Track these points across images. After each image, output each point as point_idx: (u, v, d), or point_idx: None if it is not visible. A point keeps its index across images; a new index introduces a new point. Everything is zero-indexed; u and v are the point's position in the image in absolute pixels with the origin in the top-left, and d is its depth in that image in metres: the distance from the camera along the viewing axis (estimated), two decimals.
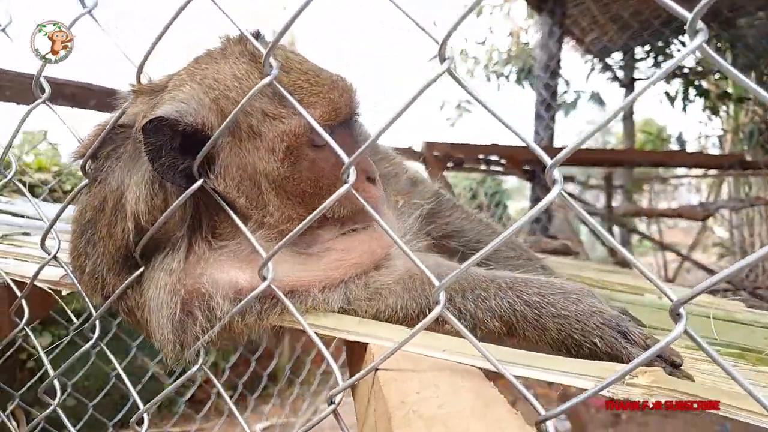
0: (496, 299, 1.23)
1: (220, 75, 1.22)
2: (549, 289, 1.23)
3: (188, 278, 1.22)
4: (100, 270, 1.31)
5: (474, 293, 1.25)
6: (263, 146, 1.20)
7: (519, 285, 1.25)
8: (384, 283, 1.32)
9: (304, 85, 1.21)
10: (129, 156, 1.25)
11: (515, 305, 1.21)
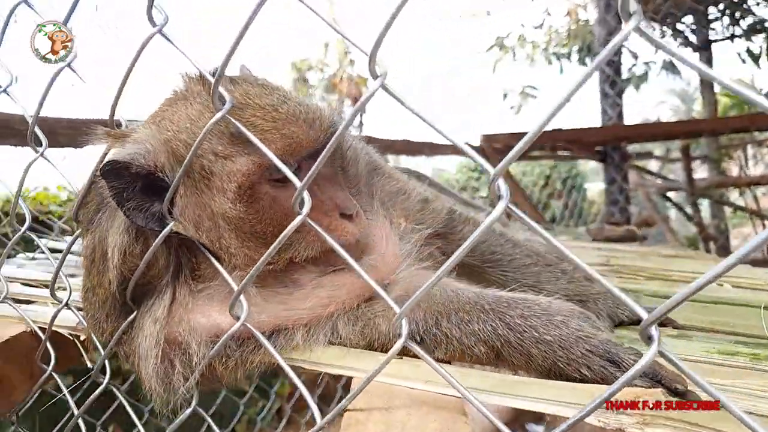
0: (479, 323, 1.13)
1: (176, 116, 1.20)
2: (533, 309, 1.12)
3: (169, 326, 1.20)
4: (98, 316, 1.32)
5: (458, 316, 1.16)
6: (215, 186, 1.16)
7: (502, 306, 1.15)
8: (376, 311, 1.25)
9: (257, 122, 1.14)
10: (113, 204, 1.25)
11: (498, 329, 1.11)
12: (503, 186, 0.76)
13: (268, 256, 0.99)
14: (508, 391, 0.95)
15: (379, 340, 1.22)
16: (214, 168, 1.14)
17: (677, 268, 2.36)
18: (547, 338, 1.06)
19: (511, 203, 0.77)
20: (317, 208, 1.20)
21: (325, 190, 1.24)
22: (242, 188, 1.14)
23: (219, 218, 1.17)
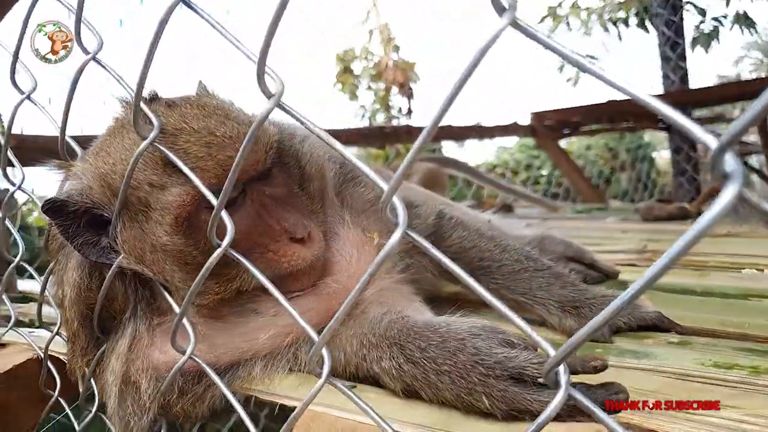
0: (389, 359, 1.03)
1: (112, 148, 1.16)
2: (431, 339, 1.01)
3: (128, 363, 1.18)
4: (74, 349, 1.32)
5: (376, 350, 1.07)
6: (152, 219, 1.11)
7: (403, 338, 1.04)
8: (338, 337, 1.17)
9: (191, 148, 1.08)
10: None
11: (403, 365, 1.01)
12: (400, 210, 0.68)
13: (195, 287, 0.94)
14: (458, 427, 0.87)
15: (337, 370, 1.15)
16: (150, 199, 1.10)
17: (720, 251, 2.16)
18: (445, 368, 0.95)
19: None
20: (265, 233, 1.15)
21: (273, 213, 1.18)
22: (179, 219, 1.09)
23: (160, 251, 1.12)
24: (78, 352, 1.31)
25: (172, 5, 0.86)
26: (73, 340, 1.29)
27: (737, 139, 0.45)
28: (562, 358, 0.59)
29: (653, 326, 1.25)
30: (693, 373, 1.00)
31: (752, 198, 0.47)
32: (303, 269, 1.17)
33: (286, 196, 1.21)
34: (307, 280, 1.20)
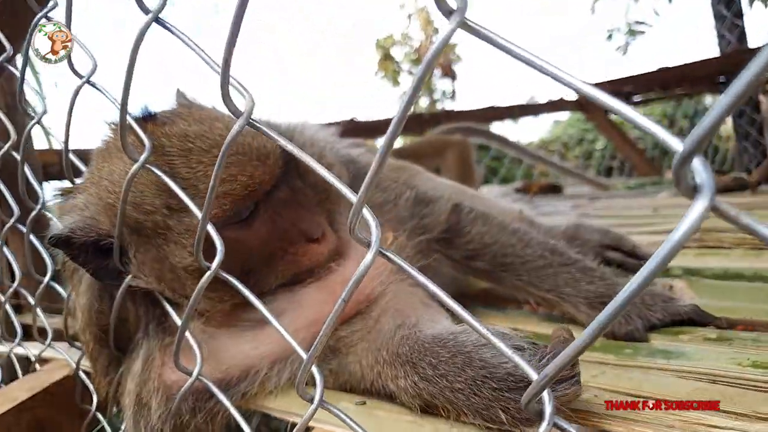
0: (404, 378, 0.98)
1: (114, 175, 1.13)
2: (441, 354, 0.95)
3: (142, 384, 1.17)
4: (97, 369, 1.33)
5: (392, 371, 1.02)
6: (173, 240, 1.09)
7: (415, 356, 0.99)
8: (351, 344, 1.14)
9: (208, 171, 1.05)
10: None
11: (418, 383, 0.95)
12: (372, 222, 0.65)
13: (191, 308, 0.92)
14: None
15: (350, 383, 1.13)
16: (170, 222, 1.07)
17: None
18: (457, 386, 0.89)
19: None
20: (283, 237, 1.14)
21: (287, 218, 1.15)
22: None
23: (180, 270, 1.10)
24: (100, 373, 1.32)
25: (144, 26, 0.84)
26: (94, 361, 1.30)
27: (705, 143, 0.39)
28: (540, 389, 0.53)
29: (689, 320, 1.16)
30: (728, 374, 0.91)
31: (729, 211, 0.41)
32: (321, 263, 1.17)
33: (292, 196, 1.18)
34: (319, 272, 1.19)
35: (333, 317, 0.70)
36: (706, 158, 0.39)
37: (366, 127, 4.95)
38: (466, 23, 0.51)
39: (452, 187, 1.87)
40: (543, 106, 6.17)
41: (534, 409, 0.55)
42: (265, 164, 1.10)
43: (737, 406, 0.79)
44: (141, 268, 1.12)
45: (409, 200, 1.36)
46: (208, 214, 0.85)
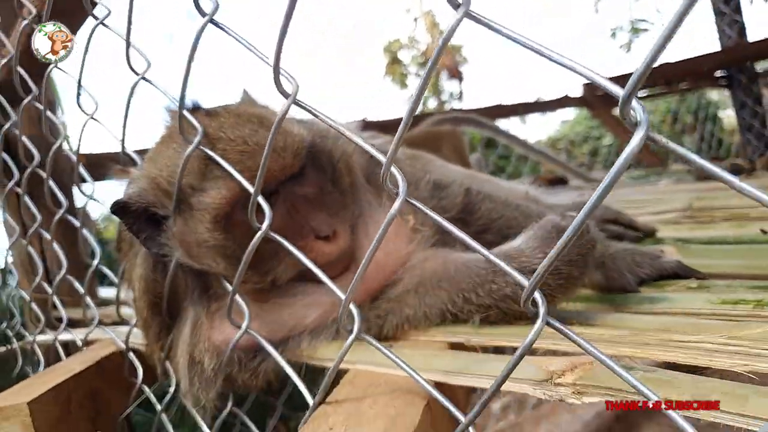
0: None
1: (162, 156, 1.30)
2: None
3: (192, 345, 1.34)
4: (148, 336, 1.50)
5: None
6: (195, 218, 1.24)
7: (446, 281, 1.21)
8: (377, 313, 1.30)
9: (228, 155, 1.18)
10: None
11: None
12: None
13: (243, 267, 1.09)
14: (474, 370, 0.98)
15: (412, 322, 1.30)
16: (192, 201, 1.24)
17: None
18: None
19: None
20: (294, 231, 1.25)
21: (302, 213, 1.29)
22: (217, 218, 1.22)
23: (203, 246, 1.26)
24: (152, 339, 1.49)
25: (201, 28, 1.01)
26: (146, 328, 1.47)
27: (636, 89, 0.55)
28: (534, 287, 0.68)
29: (674, 275, 1.32)
30: (701, 311, 1.06)
31: (661, 139, 0.57)
32: (329, 262, 1.27)
33: (317, 194, 1.32)
34: (334, 269, 1.30)
35: (369, 256, 0.85)
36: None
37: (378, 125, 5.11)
38: (470, 14, 0.66)
39: (462, 173, 2.03)
40: (548, 103, 6.31)
41: (531, 311, 0.71)
42: (281, 157, 1.23)
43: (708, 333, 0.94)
44: (175, 240, 1.29)
45: (429, 184, 1.53)
46: (260, 187, 1.01)
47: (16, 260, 2.72)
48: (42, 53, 1.38)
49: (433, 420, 0.95)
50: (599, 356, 0.67)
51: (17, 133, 2.04)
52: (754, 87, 6.97)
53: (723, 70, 7.03)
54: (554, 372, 0.87)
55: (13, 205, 2.69)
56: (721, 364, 0.82)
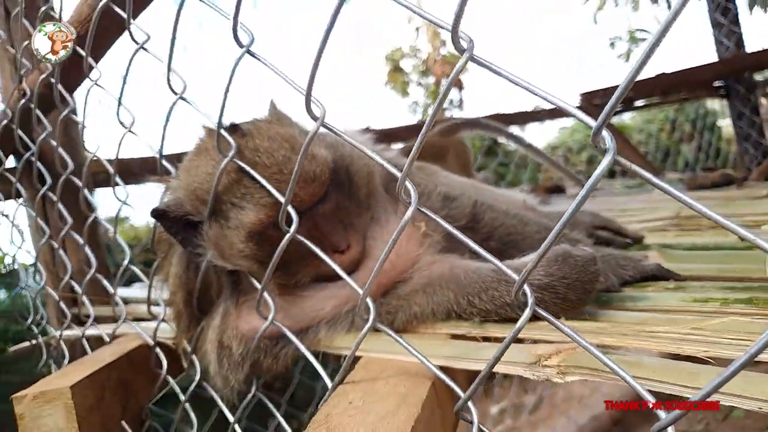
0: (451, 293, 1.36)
1: (200, 169, 1.44)
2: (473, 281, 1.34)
3: (221, 333, 1.50)
4: (178, 327, 1.66)
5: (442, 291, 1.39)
6: (231, 229, 1.39)
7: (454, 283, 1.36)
8: (387, 309, 1.43)
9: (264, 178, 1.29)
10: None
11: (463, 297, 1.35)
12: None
13: (271, 268, 1.24)
14: (474, 355, 1.12)
15: (420, 318, 1.42)
16: (229, 214, 1.38)
17: (755, 212, 2.31)
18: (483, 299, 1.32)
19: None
20: (315, 244, 1.31)
21: (322, 230, 1.43)
22: (251, 234, 1.37)
23: (235, 251, 1.41)
24: (182, 329, 1.65)
25: (238, 58, 1.16)
26: (178, 319, 1.63)
27: (609, 119, 0.70)
28: (523, 280, 0.83)
29: (653, 276, 1.47)
30: (675, 309, 1.20)
31: (626, 163, 0.71)
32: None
33: (335, 210, 1.46)
34: (348, 268, 1.40)
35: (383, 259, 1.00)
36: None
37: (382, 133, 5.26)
38: (474, 58, 0.81)
39: (466, 183, 2.19)
40: (547, 112, 6.47)
41: (520, 300, 0.85)
42: (309, 186, 1.38)
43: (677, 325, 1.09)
44: (209, 243, 1.44)
45: (439, 195, 1.68)
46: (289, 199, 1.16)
47: (41, 260, 2.87)
48: (42, 53, 1.43)
49: (438, 398, 1.10)
50: (578, 340, 0.81)
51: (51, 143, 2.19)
52: (752, 97, 7.12)
53: (721, 81, 7.17)
54: (542, 356, 1.01)
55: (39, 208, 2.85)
56: (687, 350, 0.97)
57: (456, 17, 0.78)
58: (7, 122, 2.48)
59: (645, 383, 0.82)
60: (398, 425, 0.93)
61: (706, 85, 7.25)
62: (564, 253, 1.24)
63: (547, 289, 1.19)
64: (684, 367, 0.87)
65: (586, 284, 1.21)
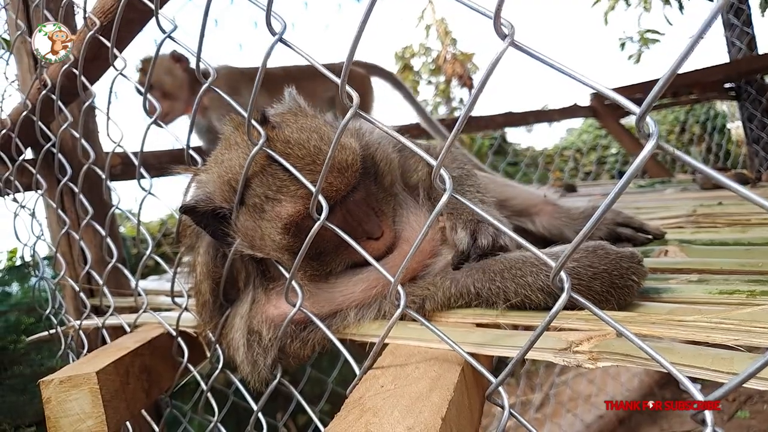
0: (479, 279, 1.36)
1: (231, 162, 1.45)
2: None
3: (249, 320, 1.52)
4: (202, 316, 1.68)
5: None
6: (266, 219, 1.40)
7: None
8: (414, 292, 1.43)
9: (298, 170, 1.29)
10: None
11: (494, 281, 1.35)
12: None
13: (298, 260, 1.26)
14: (501, 343, 1.14)
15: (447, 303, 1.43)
16: (265, 206, 1.39)
17: None
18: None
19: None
20: (349, 232, 1.33)
21: (356, 217, 1.45)
22: (287, 226, 1.38)
23: (269, 240, 1.42)
24: (207, 317, 1.66)
25: (271, 46, 1.18)
26: (204, 307, 1.64)
27: (651, 107, 0.71)
28: (560, 267, 0.85)
29: None
30: (701, 300, 1.21)
31: (669, 148, 0.73)
32: (377, 255, 1.45)
33: (365, 197, 1.48)
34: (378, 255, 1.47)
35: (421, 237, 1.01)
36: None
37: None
38: (516, 44, 0.82)
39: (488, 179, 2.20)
40: (557, 112, 6.48)
41: (557, 285, 0.87)
42: (343, 175, 1.39)
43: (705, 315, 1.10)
44: (239, 233, 1.45)
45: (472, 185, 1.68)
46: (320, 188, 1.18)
47: (60, 251, 2.90)
48: (42, 53, 1.43)
49: (467, 383, 1.12)
50: (615, 325, 0.83)
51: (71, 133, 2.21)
52: (763, 99, 7.11)
53: (732, 82, 7.15)
54: (573, 342, 1.02)
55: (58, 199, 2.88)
56: (717, 339, 0.98)
57: (498, 3, 0.81)
58: (27, 113, 2.50)
59: (680, 369, 0.83)
60: (432, 407, 0.94)
61: (717, 86, 7.24)
62: (596, 245, 1.25)
63: (571, 274, 1.19)
64: (717, 353, 0.88)
65: (616, 278, 1.20)
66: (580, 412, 6.55)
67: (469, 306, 1.39)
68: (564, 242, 1.95)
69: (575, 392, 6.98)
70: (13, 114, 2.82)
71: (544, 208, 2.05)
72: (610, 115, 6.45)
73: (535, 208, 2.05)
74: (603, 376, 7.07)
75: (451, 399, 0.97)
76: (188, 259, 1.70)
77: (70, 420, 1.57)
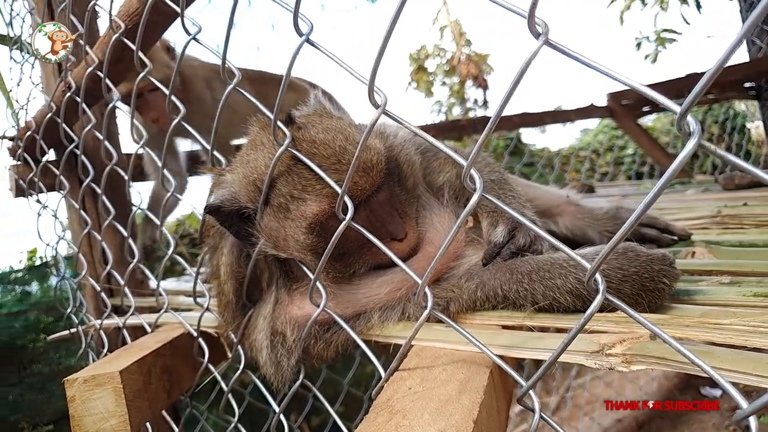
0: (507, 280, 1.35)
1: (257, 162, 1.44)
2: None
3: (273, 320, 1.51)
4: (225, 317, 1.68)
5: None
6: (291, 218, 1.40)
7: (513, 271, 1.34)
8: (437, 294, 1.42)
9: (324, 170, 1.29)
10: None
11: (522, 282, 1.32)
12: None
13: (323, 261, 1.25)
14: (531, 345, 1.12)
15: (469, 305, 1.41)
16: (290, 206, 1.39)
17: None
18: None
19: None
20: (373, 233, 1.33)
21: (379, 218, 1.44)
22: (313, 225, 1.38)
23: (292, 241, 1.42)
24: (229, 318, 1.66)
25: (298, 47, 1.18)
26: (227, 307, 1.64)
27: (692, 105, 0.69)
28: (596, 268, 0.83)
29: None
30: (734, 303, 1.19)
31: (710, 146, 0.71)
32: (401, 256, 1.40)
33: (389, 198, 1.47)
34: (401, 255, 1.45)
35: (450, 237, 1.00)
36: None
37: None
38: (550, 42, 0.81)
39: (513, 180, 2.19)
40: (573, 112, 6.43)
41: (592, 286, 0.85)
42: (368, 175, 1.39)
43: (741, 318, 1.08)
44: (264, 232, 1.45)
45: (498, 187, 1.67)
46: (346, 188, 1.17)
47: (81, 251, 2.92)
48: (42, 53, 1.44)
49: (495, 386, 1.10)
50: (652, 328, 0.81)
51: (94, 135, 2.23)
52: None
53: (752, 81, 7.06)
54: (605, 344, 1.01)
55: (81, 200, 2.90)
56: (756, 343, 0.95)
57: (533, 2, 0.80)
58: (52, 115, 2.52)
59: (720, 373, 0.82)
60: (463, 410, 0.93)
61: (736, 86, 7.15)
62: (625, 246, 1.23)
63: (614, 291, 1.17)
64: (758, 357, 0.86)
65: (647, 281, 1.17)
66: (598, 415, 6.48)
67: (495, 308, 1.37)
68: (587, 243, 1.93)
69: (593, 395, 6.92)
70: (37, 116, 2.85)
71: (567, 209, 2.03)
72: (627, 115, 6.39)
73: (558, 209, 2.03)
74: (621, 379, 7.01)
75: (481, 402, 0.96)
76: (210, 259, 1.70)
77: (93, 419, 1.57)
